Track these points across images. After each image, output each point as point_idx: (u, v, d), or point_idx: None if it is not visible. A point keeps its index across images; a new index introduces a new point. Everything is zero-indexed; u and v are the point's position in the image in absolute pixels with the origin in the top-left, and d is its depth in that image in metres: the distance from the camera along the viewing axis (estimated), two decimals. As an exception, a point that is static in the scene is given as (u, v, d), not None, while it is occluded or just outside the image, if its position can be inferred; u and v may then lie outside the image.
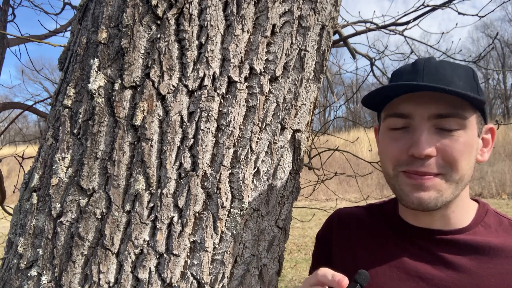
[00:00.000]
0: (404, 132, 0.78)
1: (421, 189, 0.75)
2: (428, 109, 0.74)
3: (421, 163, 0.75)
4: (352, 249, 0.90)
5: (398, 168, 0.78)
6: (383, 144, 0.83)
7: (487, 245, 0.76)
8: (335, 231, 0.95)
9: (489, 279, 0.73)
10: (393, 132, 0.80)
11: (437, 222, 0.81)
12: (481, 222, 0.81)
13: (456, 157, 0.74)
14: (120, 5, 0.76)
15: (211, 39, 0.75)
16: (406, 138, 0.77)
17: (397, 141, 0.78)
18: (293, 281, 5.11)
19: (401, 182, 0.78)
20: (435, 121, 0.75)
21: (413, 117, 0.76)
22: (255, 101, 0.78)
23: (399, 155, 0.78)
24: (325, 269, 0.68)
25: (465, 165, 0.75)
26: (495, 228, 0.80)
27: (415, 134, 0.75)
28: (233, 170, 0.77)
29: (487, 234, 0.79)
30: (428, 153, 0.73)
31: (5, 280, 0.78)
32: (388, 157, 0.81)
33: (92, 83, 0.75)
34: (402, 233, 0.85)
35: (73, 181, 0.75)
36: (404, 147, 0.77)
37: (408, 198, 0.76)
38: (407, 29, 2.61)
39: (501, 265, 0.74)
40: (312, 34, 0.85)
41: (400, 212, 0.88)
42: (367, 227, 0.91)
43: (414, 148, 0.74)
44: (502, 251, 0.75)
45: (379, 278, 0.81)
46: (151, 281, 0.72)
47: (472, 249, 0.77)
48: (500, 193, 10.86)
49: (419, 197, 0.75)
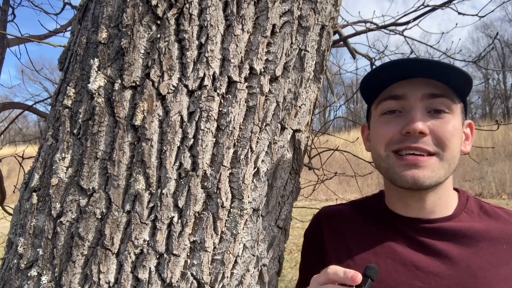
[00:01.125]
0: (397, 116, 0.81)
1: (415, 167, 0.77)
2: (422, 89, 0.79)
3: (414, 140, 0.77)
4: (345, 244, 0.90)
5: (390, 147, 0.81)
6: (375, 129, 0.86)
7: (472, 230, 0.81)
8: (325, 228, 0.96)
9: (477, 260, 0.77)
10: (386, 116, 0.83)
11: (426, 210, 0.84)
12: (464, 209, 0.85)
13: (447, 137, 0.78)
14: (120, 5, 0.76)
15: (211, 39, 0.75)
16: (399, 121, 0.81)
17: (390, 123, 0.82)
18: (293, 281, 5.10)
19: (393, 163, 0.80)
20: (428, 101, 0.79)
21: (407, 98, 0.80)
22: (255, 101, 0.78)
23: (391, 135, 0.81)
24: (335, 267, 0.67)
25: (455, 146, 0.79)
26: (477, 213, 0.84)
27: (410, 114, 0.79)
28: (233, 170, 0.77)
29: (471, 219, 0.83)
30: (422, 130, 0.76)
31: (5, 280, 0.78)
32: (380, 139, 0.83)
33: (92, 83, 0.75)
34: (392, 223, 0.87)
35: (73, 181, 0.75)
36: (397, 128, 0.80)
37: (402, 178, 0.78)
38: (407, 29, 2.61)
39: (486, 247, 0.79)
40: (312, 34, 0.85)
41: (388, 202, 0.90)
42: (356, 222, 0.92)
43: (408, 126, 0.77)
44: (487, 233, 0.80)
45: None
46: (151, 281, 0.72)
47: (460, 235, 0.81)
48: (500, 193, 10.86)
49: (413, 175, 0.77)
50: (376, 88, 0.86)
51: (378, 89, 0.85)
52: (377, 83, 0.84)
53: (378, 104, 0.86)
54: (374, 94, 0.87)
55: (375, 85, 0.85)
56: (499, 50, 26.57)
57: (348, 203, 1.01)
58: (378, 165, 0.86)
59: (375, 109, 0.87)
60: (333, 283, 0.66)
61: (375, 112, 0.87)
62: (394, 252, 0.83)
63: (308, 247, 1.00)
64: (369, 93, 0.89)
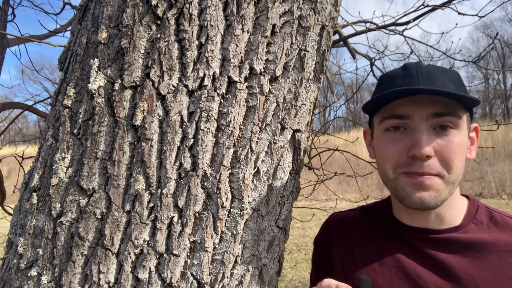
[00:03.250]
0: (402, 133, 0.79)
1: (422, 189, 0.77)
2: (427, 109, 0.77)
3: (421, 164, 0.76)
4: (351, 252, 0.90)
5: (398, 170, 0.79)
6: (380, 147, 0.84)
7: (479, 242, 0.79)
8: (333, 235, 0.96)
9: (482, 274, 0.76)
10: (390, 133, 0.81)
11: (432, 221, 0.83)
12: (472, 219, 0.83)
13: (452, 158, 0.77)
14: (120, 5, 0.76)
15: (211, 39, 0.75)
16: (404, 140, 0.79)
17: (395, 143, 0.80)
18: (293, 281, 5.10)
19: (402, 183, 0.79)
20: (433, 120, 0.77)
21: (412, 118, 0.78)
22: (255, 101, 0.78)
23: (398, 157, 0.79)
24: (329, 280, 0.69)
25: (459, 165, 0.78)
26: (486, 224, 0.82)
27: (415, 134, 0.77)
28: (233, 170, 0.77)
29: (479, 231, 0.81)
30: (428, 154, 0.75)
31: (5, 280, 0.78)
32: (387, 160, 0.81)
33: (92, 83, 0.75)
34: (398, 233, 0.86)
35: (73, 181, 0.75)
36: (404, 149, 0.78)
37: (410, 199, 0.78)
38: (407, 29, 2.61)
39: (493, 260, 0.77)
40: (312, 34, 0.85)
41: (395, 212, 0.90)
42: (364, 230, 0.92)
43: (415, 149, 0.76)
44: (494, 246, 0.78)
45: (379, 279, 0.82)
46: (151, 281, 0.72)
47: (465, 247, 0.79)
48: (500, 193, 10.85)
49: (420, 197, 0.77)
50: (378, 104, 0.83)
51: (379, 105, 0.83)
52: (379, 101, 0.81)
53: (381, 121, 0.83)
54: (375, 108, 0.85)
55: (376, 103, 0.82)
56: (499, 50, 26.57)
57: (358, 209, 1.01)
58: (385, 183, 0.85)
59: (378, 124, 0.84)
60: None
61: (378, 127, 0.85)
62: (398, 262, 0.83)
63: (317, 253, 1.01)
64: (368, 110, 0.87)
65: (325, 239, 0.98)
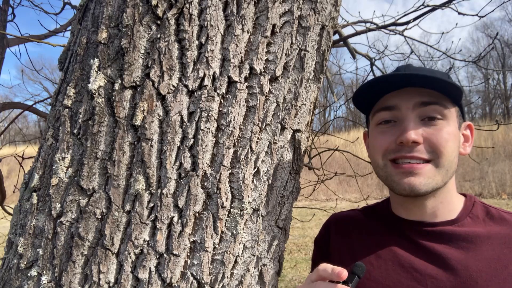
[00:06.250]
0: (392, 126, 0.84)
1: (411, 175, 0.79)
2: (413, 99, 0.81)
3: (408, 149, 0.79)
4: (349, 247, 0.92)
5: (387, 157, 0.83)
6: (372, 139, 0.89)
7: (474, 234, 0.81)
8: (333, 234, 0.98)
9: (477, 265, 0.77)
10: (381, 126, 0.86)
11: (428, 214, 0.85)
12: (469, 214, 0.85)
13: (442, 143, 0.79)
14: (120, 5, 0.76)
15: (211, 39, 0.75)
16: (393, 131, 0.83)
17: (385, 133, 0.84)
18: (293, 281, 5.10)
19: (390, 171, 0.83)
20: (420, 110, 0.80)
21: (399, 108, 0.82)
22: (255, 101, 0.78)
23: (387, 145, 0.83)
24: (325, 264, 0.71)
25: (450, 151, 0.80)
26: (482, 219, 0.84)
27: (403, 124, 0.81)
28: (233, 170, 0.77)
29: (475, 224, 0.83)
30: (415, 139, 0.78)
31: (5, 280, 0.78)
32: (377, 149, 0.85)
33: (92, 83, 0.75)
34: (395, 227, 0.88)
35: (73, 181, 0.75)
36: (392, 138, 0.82)
37: (399, 186, 0.81)
38: (407, 29, 2.61)
39: (487, 251, 0.79)
40: (312, 34, 0.85)
41: (393, 208, 0.92)
42: (364, 228, 0.94)
43: (402, 136, 0.79)
44: (489, 238, 0.80)
45: (375, 272, 0.84)
46: (151, 281, 0.72)
47: (460, 239, 0.81)
48: (500, 193, 10.85)
49: (409, 183, 0.79)
50: (371, 99, 0.88)
51: (373, 100, 0.88)
52: (371, 95, 0.87)
53: (373, 115, 0.88)
54: (370, 105, 0.90)
55: (370, 97, 0.88)
56: (499, 50, 26.58)
57: (360, 209, 1.03)
58: (378, 174, 0.88)
59: (372, 119, 0.90)
60: (323, 280, 0.70)
61: (372, 122, 0.90)
62: (395, 255, 0.84)
63: (317, 253, 1.03)
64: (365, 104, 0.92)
65: (325, 238, 1.00)
